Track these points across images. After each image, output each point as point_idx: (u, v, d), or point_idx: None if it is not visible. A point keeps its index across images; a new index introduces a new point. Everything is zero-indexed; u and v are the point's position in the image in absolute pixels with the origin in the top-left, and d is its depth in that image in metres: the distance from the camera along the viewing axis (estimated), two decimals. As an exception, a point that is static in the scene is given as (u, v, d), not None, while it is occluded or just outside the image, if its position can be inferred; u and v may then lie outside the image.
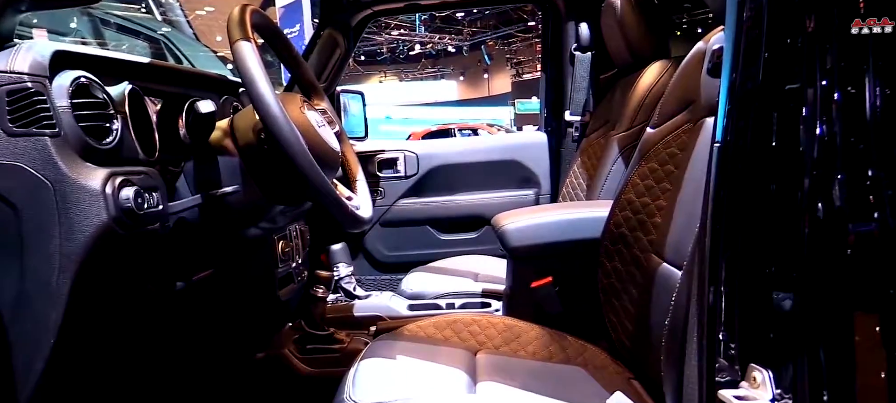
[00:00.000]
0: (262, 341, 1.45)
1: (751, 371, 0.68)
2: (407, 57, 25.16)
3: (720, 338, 0.70)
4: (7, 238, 0.83)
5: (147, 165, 1.00)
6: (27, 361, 0.85)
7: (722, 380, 0.69)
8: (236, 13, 1.01)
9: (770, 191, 0.68)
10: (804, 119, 0.65)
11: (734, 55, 0.70)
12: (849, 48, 0.63)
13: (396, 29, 22.11)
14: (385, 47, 23.89)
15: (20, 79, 0.82)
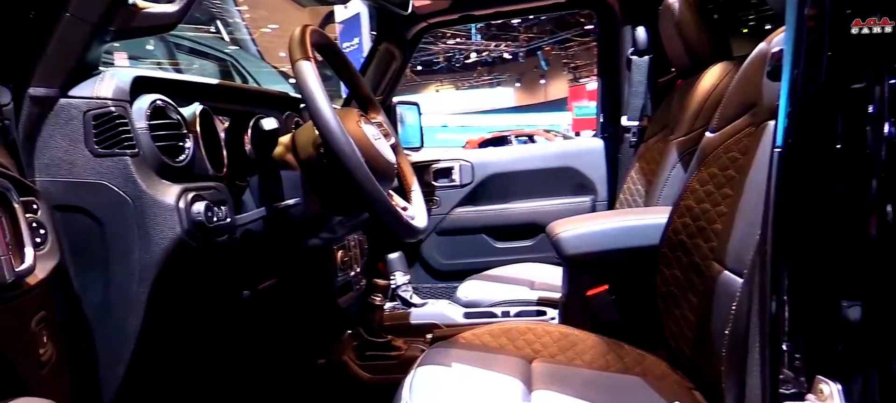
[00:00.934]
0: (323, 347, 1.50)
1: (818, 384, 0.66)
2: (463, 65, 25.27)
3: (784, 349, 0.68)
4: (94, 251, 0.90)
5: (216, 180, 1.06)
6: (110, 365, 0.91)
7: (786, 393, 0.67)
8: (297, 34, 1.06)
9: (835, 195, 0.66)
10: (871, 119, 0.63)
11: (795, 56, 0.69)
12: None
13: (452, 38, 22.27)
14: (441, 57, 24.09)
15: (104, 104, 0.89)
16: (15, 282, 0.49)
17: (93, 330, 0.90)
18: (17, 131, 0.84)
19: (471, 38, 22.52)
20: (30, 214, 0.59)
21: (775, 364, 0.68)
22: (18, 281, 0.50)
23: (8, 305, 0.49)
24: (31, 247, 0.55)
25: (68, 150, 0.88)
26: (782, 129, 0.69)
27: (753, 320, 0.81)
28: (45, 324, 0.58)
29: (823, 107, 0.65)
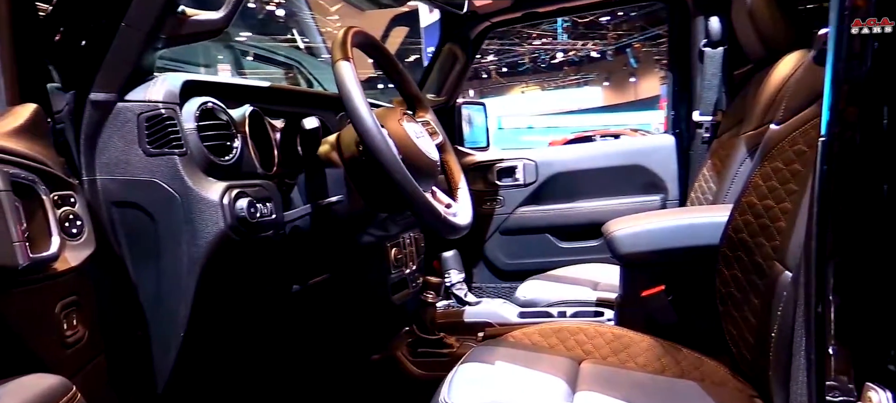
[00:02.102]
0: (377, 343, 1.53)
1: (867, 391, 0.61)
2: (549, 65, 24.97)
3: (831, 352, 0.63)
4: (147, 244, 0.97)
5: (265, 178, 1.11)
6: (163, 350, 0.98)
7: (834, 400, 0.63)
8: (339, 36, 1.09)
9: (883, 189, 0.61)
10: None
11: (838, 39, 0.64)
12: None
13: (538, 38, 22.07)
14: (527, 58, 23.93)
15: (155, 107, 0.95)
16: (32, 267, 0.54)
17: (147, 318, 0.97)
18: (79, 133, 0.92)
19: (557, 38, 22.23)
20: (66, 207, 0.65)
21: (821, 368, 0.63)
22: (38, 266, 0.55)
23: (26, 287, 0.55)
24: (58, 236, 0.60)
25: (124, 150, 0.95)
26: (826, 119, 0.66)
27: (799, 321, 0.76)
28: (75, 308, 0.63)
29: (868, 97, 0.61)
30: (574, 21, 19.33)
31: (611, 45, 23.07)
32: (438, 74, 2.29)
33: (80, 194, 0.70)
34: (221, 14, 1.03)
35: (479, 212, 2.30)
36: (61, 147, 0.86)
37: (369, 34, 1.23)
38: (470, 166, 2.33)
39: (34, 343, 0.53)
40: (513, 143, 15.81)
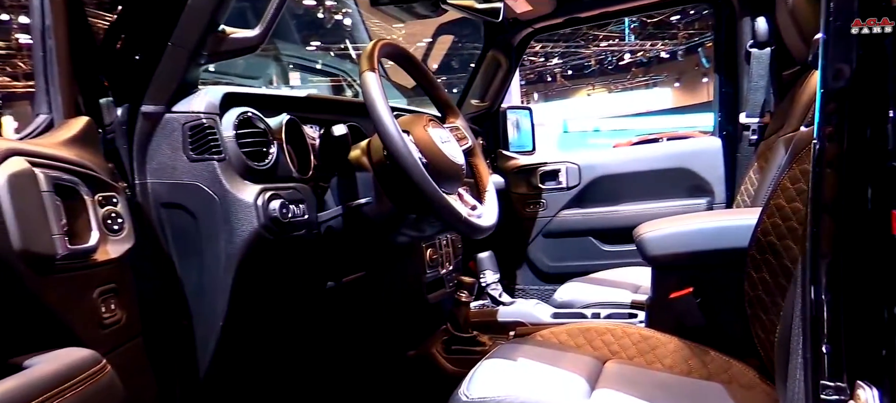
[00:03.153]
0: (413, 340, 1.59)
1: (857, 389, 0.63)
2: (616, 67, 24.44)
3: (824, 352, 0.65)
4: (190, 242, 1.06)
5: (300, 181, 1.19)
6: (204, 338, 1.08)
7: (827, 398, 0.65)
8: (368, 48, 1.17)
9: (869, 192, 0.63)
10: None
11: (826, 46, 0.66)
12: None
13: (605, 40, 21.66)
14: (593, 60, 23.52)
15: (197, 117, 1.05)
16: (70, 256, 0.63)
17: (191, 308, 1.07)
18: (131, 142, 1.03)
19: (624, 39, 21.74)
20: (109, 206, 0.74)
21: (817, 368, 0.65)
22: (76, 256, 0.64)
23: (66, 274, 0.64)
24: (98, 231, 0.69)
25: (171, 156, 1.05)
26: (818, 122, 0.67)
27: (796, 321, 0.77)
28: (114, 294, 0.72)
29: (856, 100, 0.63)
30: (642, 21, 18.85)
31: (681, 44, 22.32)
32: (482, 80, 2.34)
33: (123, 196, 0.79)
34: (257, 31, 1.12)
35: (523, 215, 2.33)
36: (112, 154, 0.97)
37: (399, 46, 1.30)
38: (513, 170, 2.36)
39: (72, 323, 0.62)
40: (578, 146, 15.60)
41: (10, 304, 0.56)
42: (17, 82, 10.85)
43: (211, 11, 1.04)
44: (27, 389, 0.49)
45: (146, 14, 1.05)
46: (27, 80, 10.34)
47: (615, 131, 18.78)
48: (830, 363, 0.65)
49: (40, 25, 0.80)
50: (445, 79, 13.00)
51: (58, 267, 0.61)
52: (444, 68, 13.07)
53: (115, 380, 0.63)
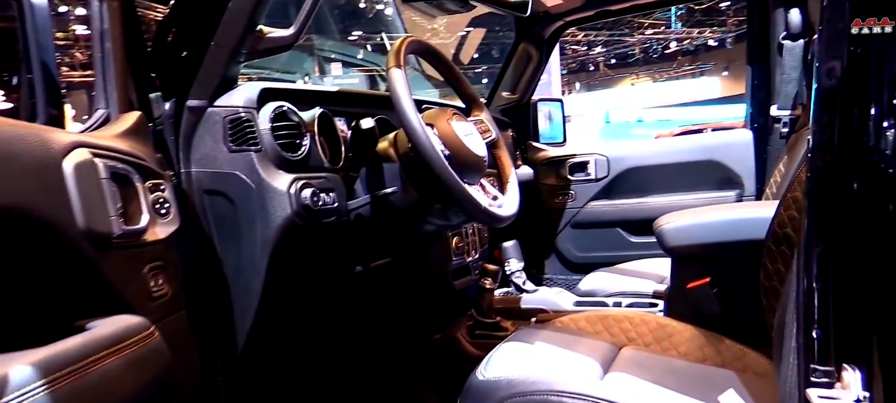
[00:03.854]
0: (439, 324, 1.67)
1: (843, 371, 0.67)
2: (661, 56, 23.89)
3: (815, 337, 0.70)
4: (230, 226, 1.16)
5: (331, 171, 1.27)
6: (242, 315, 1.17)
7: (817, 380, 0.69)
8: (395, 45, 1.23)
9: (856, 186, 0.67)
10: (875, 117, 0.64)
11: (819, 43, 0.70)
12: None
13: (650, 28, 21.20)
14: (637, 48, 23.06)
15: (236, 111, 1.14)
16: (125, 235, 0.72)
17: (230, 287, 1.17)
18: (178, 133, 1.12)
19: (671, 27, 21.24)
20: (158, 192, 0.84)
21: (808, 351, 0.70)
22: (129, 236, 0.73)
23: (122, 251, 0.73)
24: (148, 214, 0.78)
25: (213, 147, 1.14)
26: (813, 116, 0.71)
27: (790, 308, 0.81)
28: (161, 271, 0.81)
29: (844, 100, 0.67)
30: (690, 8, 18.38)
31: (731, 31, 21.65)
32: (513, 72, 2.39)
33: (169, 183, 0.88)
34: (292, 31, 1.20)
35: (551, 206, 2.37)
36: (160, 145, 1.06)
37: (426, 43, 1.36)
38: (543, 161, 2.40)
39: (126, 294, 0.71)
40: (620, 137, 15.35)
41: (75, 276, 0.65)
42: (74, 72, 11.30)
43: (249, 13, 1.12)
44: (90, 346, 0.57)
45: (191, 16, 1.14)
46: (83, 69, 10.79)
47: (660, 122, 18.41)
48: (820, 347, 0.69)
49: (99, 30, 0.90)
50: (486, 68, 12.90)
51: (114, 244, 0.70)
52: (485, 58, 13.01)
53: (163, 345, 0.72)
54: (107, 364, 0.58)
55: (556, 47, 2.43)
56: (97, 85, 0.90)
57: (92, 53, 0.92)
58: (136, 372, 0.63)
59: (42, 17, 0.86)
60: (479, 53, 12.42)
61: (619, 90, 25.44)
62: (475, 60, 12.79)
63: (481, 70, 12.86)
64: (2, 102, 0.97)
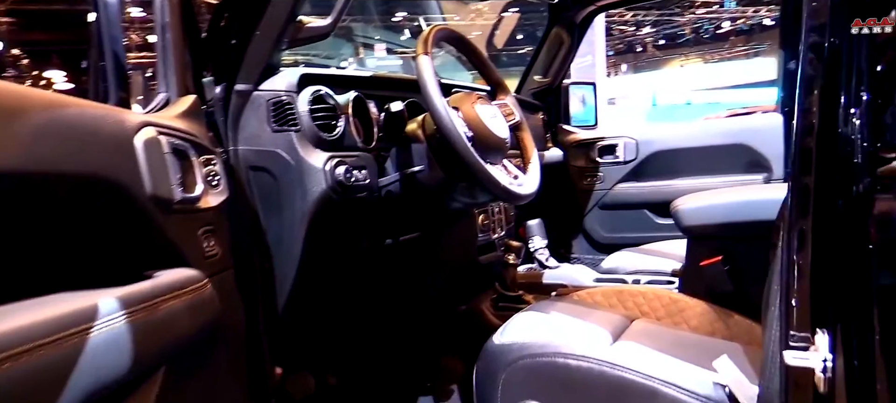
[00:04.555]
0: (464, 296, 1.77)
1: (816, 335, 0.75)
2: (714, 36, 23.16)
3: (794, 305, 0.77)
4: (272, 199, 1.28)
5: (364, 151, 1.38)
6: (282, 279, 1.30)
7: (795, 344, 0.77)
8: (424, 34, 1.33)
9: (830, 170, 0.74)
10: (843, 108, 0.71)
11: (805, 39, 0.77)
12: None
13: (703, 6, 20.56)
14: (688, 28, 22.41)
15: (278, 95, 1.26)
16: (182, 201, 0.84)
17: (272, 254, 1.30)
18: (227, 115, 1.25)
19: (723, 5, 20.56)
20: (209, 166, 0.96)
21: (788, 318, 0.77)
22: (187, 202, 0.86)
23: (181, 215, 0.85)
24: (202, 185, 0.90)
25: (257, 127, 1.27)
26: (798, 103, 0.78)
27: (775, 279, 0.88)
28: (212, 234, 0.93)
29: (824, 89, 0.74)
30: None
31: (788, 11, 20.76)
32: (545, 57, 2.45)
33: (220, 159, 1.01)
34: (328, 21, 1.31)
35: (580, 187, 2.44)
36: (212, 125, 1.19)
37: (453, 30, 1.45)
38: (573, 144, 2.46)
39: (184, 251, 0.83)
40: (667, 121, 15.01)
41: (144, 234, 0.78)
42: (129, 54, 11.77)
43: (290, 6, 1.23)
44: (158, 289, 0.70)
45: (239, 7, 1.26)
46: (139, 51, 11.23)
47: (709, 105, 17.90)
48: (798, 315, 0.76)
49: (160, 22, 1.03)
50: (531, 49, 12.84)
51: (174, 209, 0.82)
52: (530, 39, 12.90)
53: (214, 296, 0.84)
54: (170, 305, 0.70)
55: (602, 28, 2.47)
56: (159, 71, 1.04)
57: (154, 41, 1.05)
58: (191, 315, 0.76)
59: (114, 11, 0.99)
60: (523, 34, 12.38)
61: (667, 72, 24.80)
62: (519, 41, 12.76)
63: (525, 51, 12.83)
64: (64, 82, 1.11)
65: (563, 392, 1.12)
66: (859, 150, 0.72)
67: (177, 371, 0.73)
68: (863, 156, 0.72)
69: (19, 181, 0.56)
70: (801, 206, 0.78)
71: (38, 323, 0.51)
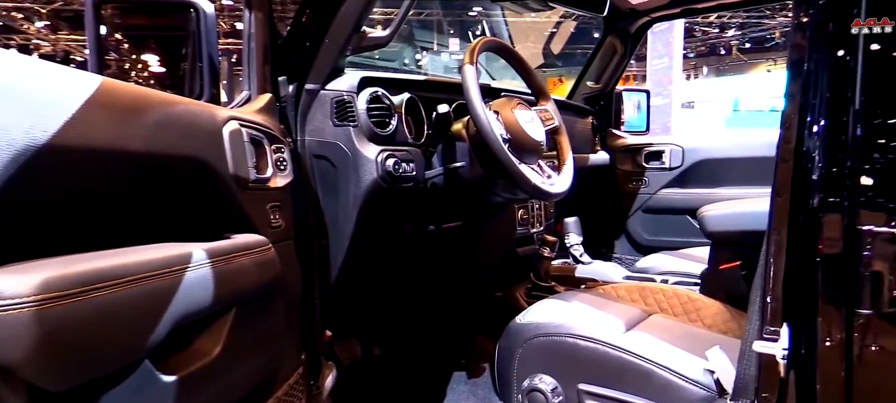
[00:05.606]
0: (501, 284, 1.92)
1: (781, 329, 0.88)
2: (805, 42, 21.83)
3: (768, 302, 0.90)
4: (331, 184, 1.48)
5: (413, 146, 1.56)
6: (336, 254, 1.50)
7: (767, 336, 0.90)
8: (471, 45, 1.50)
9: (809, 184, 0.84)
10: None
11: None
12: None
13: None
14: (777, 31, 21.33)
15: (341, 94, 1.46)
16: (256, 181, 1.05)
17: (328, 231, 1.50)
18: (297, 110, 1.46)
19: (818, 10, 19.38)
20: (279, 154, 1.16)
21: (763, 313, 0.90)
22: (259, 181, 1.06)
23: (254, 192, 1.05)
24: (272, 168, 1.11)
25: (322, 121, 1.47)
26: (782, 117, 0.90)
27: (757, 280, 0.99)
28: (278, 209, 1.13)
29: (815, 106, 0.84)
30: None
31: None
32: (598, 64, 2.55)
33: (288, 147, 1.21)
34: (387, 32, 1.50)
35: (624, 190, 2.53)
36: (283, 119, 1.40)
37: (499, 42, 1.61)
38: (620, 148, 2.56)
39: (255, 221, 1.04)
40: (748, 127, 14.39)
41: (225, 204, 0.99)
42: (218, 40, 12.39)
43: (355, 18, 1.43)
44: (234, 247, 0.90)
45: (312, 18, 1.47)
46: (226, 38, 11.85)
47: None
48: (771, 311, 0.89)
49: (247, 34, 1.25)
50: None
51: (250, 186, 1.03)
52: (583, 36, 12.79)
53: (276, 259, 1.04)
54: (241, 261, 0.91)
55: (680, 31, 2.50)
56: (244, 74, 1.26)
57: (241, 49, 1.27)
58: (258, 271, 0.96)
59: (211, 21, 1.21)
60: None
61: (752, 76, 23.71)
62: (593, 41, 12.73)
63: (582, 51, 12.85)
64: (158, 66, 1.33)
65: (570, 368, 1.26)
66: (817, 169, 0.82)
67: (244, 313, 0.93)
68: (819, 175, 0.82)
69: (143, 160, 0.77)
70: (778, 218, 0.89)
71: (151, 259, 0.72)
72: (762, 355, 0.91)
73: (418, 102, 1.61)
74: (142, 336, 0.71)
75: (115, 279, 0.66)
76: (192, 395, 0.81)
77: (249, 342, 0.95)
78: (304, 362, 1.27)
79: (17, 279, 0.57)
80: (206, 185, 0.93)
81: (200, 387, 0.83)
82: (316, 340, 1.41)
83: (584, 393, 1.24)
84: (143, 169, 0.79)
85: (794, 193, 0.88)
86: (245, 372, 0.95)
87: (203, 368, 0.83)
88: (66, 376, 0.62)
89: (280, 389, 1.11)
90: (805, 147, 0.85)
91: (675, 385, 1.15)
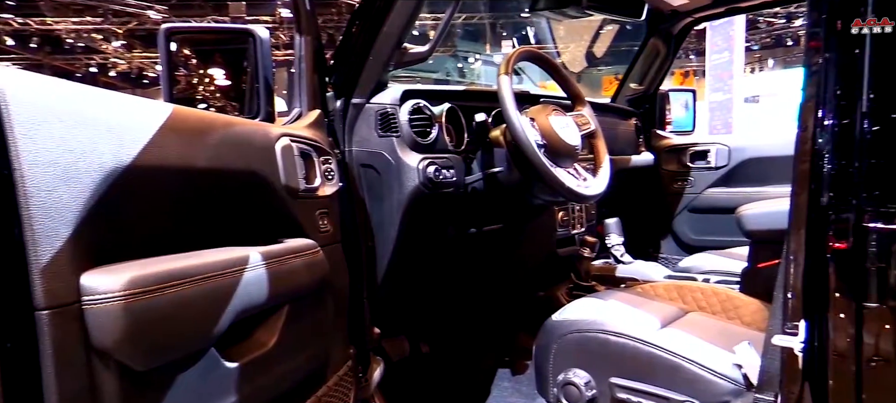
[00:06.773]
0: (543, 284, 1.98)
1: (799, 325, 0.92)
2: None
3: (789, 298, 0.95)
4: (376, 190, 1.59)
5: (453, 153, 1.65)
6: (381, 256, 1.61)
7: (788, 331, 0.94)
8: (507, 55, 1.58)
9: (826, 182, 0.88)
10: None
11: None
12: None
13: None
14: (850, 20, 20.19)
15: (384, 107, 1.56)
16: (306, 190, 1.16)
17: (374, 235, 1.61)
18: (345, 123, 1.57)
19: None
20: (327, 164, 1.28)
21: (785, 310, 0.95)
22: (308, 190, 1.17)
23: (304, 200, 1.17)
24: (320, 178, 1.21)
25: (367, 132, 1.58)
26: (799, 110, 0.94)
27: (781, 277, 1.03)
28: (326, 215, 1.24)
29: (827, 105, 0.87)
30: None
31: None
32: (642, 65, 2.57)
33: (335, 158, 1.32)
34: (427, 48, 1.60)
35: (669, 190, 2.54)
36: (331, 132, 1.52)
37: (535, 52, 1.68)
38: (665, 148, 2.57)
39: (305, 226, 1.15)
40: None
41: (278, 212, 1.10)
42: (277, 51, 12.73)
43: (397, 36, 1.53)
44: (286, 249, 1.02)
45: (357, 37, 1.58)
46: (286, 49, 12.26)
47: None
48: (791, 306, 0.93)
49: (298, 56, 1.37)
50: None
51: (299, 195, 1.14)
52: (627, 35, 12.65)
53: (325, 261, 1.15)
54: (293, 262, 1.02)
55: (742, 25, 2.45)
56: (295, 92, 1.38)
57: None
58: (309, 272, 1.08)
59: (266, 46, 1.34)
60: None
61: (797, 73, 22.50)
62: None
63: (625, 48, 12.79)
64: (224, 79, 1.46)
65: (602, 363, 1.32)
66: (826, 168, 0.86)
67: (296, 310, 1.05)
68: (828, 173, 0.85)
69: (207, 175, 0.89)
70: (797, 218, 0.93)
71: (215, 261, 0.84)
72: (784, 349, 0.95)
73: (458, 111, 1.70)
74: (208, 327, 0.82)
75: (186, 277, 0.78)
76: (251, 380, 0.92)
77: (301, 336, 1.07)
78: (353, 356, 1.38)
79: (109, 278, 0.69)
80: (261, 195, 1.05)
81: (258, 374, 0.94)
82: (365, 336, 1.52)
83: (616, 386, 1.29)
84: (208, 183, 0.91)
85: (810, 191, 0.92)
86: (297, 362, 1.07)
87: (260, 357, 0.95)
88: (149, 358, 0.74)
89: (330, 379, 1.22)
90: (817, 146, 0.88)
91: (704, 379, 1.19)
